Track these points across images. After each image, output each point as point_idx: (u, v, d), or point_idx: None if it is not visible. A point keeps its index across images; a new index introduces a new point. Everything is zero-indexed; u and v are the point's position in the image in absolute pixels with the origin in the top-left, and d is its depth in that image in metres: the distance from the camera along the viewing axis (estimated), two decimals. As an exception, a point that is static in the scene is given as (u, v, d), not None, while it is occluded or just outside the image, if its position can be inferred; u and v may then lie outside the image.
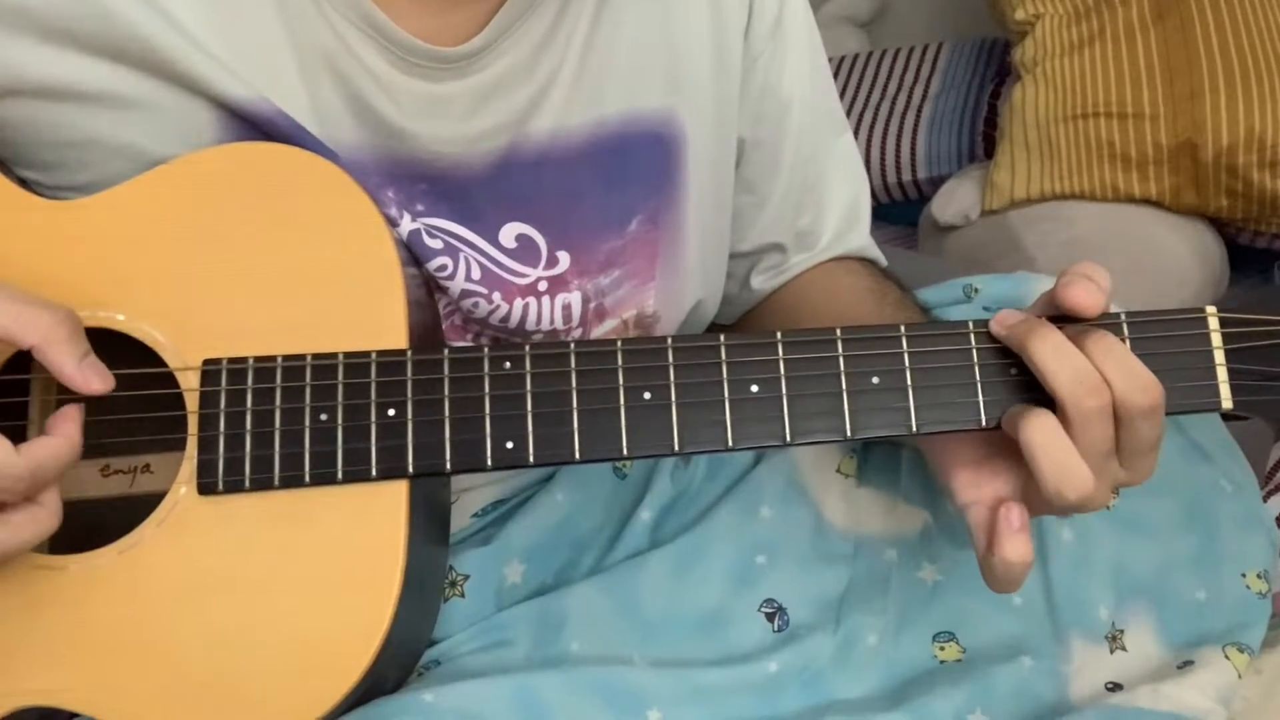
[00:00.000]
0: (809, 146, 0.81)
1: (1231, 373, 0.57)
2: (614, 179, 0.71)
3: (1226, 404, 0.57)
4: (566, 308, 0.72)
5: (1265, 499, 0.82)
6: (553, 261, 0.71)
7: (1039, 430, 0.54)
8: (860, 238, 0.86)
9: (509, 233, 0.69)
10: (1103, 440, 0.55)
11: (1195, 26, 1.52)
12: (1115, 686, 0.70)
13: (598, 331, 0.74)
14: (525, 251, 0.70)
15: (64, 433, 0.54)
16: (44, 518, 0.54)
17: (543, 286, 0.71)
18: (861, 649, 0.71)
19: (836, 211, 0.84)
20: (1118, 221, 1.51)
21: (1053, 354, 0.54)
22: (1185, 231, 1.50)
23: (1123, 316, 0.57)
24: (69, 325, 0.54)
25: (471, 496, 0.78)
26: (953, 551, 0.74)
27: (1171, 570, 0.73)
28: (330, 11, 0.62)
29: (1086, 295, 0.56)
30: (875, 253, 0.87)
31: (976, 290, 0.86)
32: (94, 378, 0.55)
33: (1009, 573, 0.57)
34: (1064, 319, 0.57)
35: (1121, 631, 0.72)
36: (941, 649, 0.71)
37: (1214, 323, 0.57)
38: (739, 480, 0.77)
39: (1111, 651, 0.71)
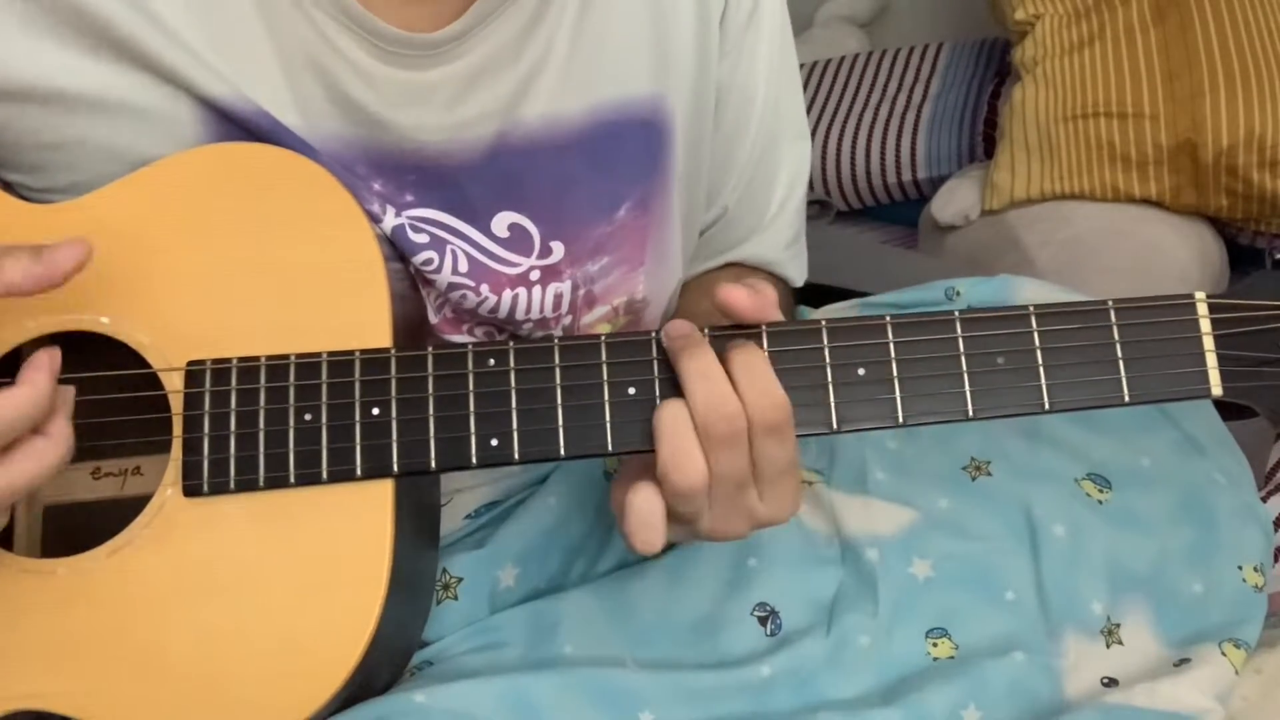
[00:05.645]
0: (763, 145, 0.80)
1: (1221, 359, 0.56)
2: (605, 165, 0.71)
3: (1216, 390, 0.57)
4: (558, 296, 0.71)
5: (1265, 499, 0.82)
6: (546, 251, 0.70)
7: (665, 414, 0.55)
8: (761, 247, 0.83)
9: (501, 222, 0.69)
10: (734, 468, 0.55)
11: (1195, 26, 1.51)
12: (1111, 681, 0.70)
13: (587, 318, 0.74)
14: (517, 241, 0.69)
15: (29, 380, 0.51)
16: (46, 449, 0.52)
17: (534, 276, 0.70)
18: (854, 650, 0.71)
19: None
20: (1118, 221, 1.50)
21: (694, 376, 0.55)
22: (1185, 231, 1.50)
23: (1110, 304, 0.57)
24: None
25: (464, 498, 0.77)
26: (943, 546, 0.74)
27: (1167, 564, 0.73)
28: (307, 4, 0.62)
29: (743, 295, 0.57)
30: (788, 270, 0.85)
31: (958, 293, 0.85)
32: (62, 257, 0.52)
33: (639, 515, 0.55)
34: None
35: (1118, 625, 0.71)
36: (934, 645, 0.71)
37: (1203, 309, 0.57)
38: None
39: (1108, 646, 0.71)
